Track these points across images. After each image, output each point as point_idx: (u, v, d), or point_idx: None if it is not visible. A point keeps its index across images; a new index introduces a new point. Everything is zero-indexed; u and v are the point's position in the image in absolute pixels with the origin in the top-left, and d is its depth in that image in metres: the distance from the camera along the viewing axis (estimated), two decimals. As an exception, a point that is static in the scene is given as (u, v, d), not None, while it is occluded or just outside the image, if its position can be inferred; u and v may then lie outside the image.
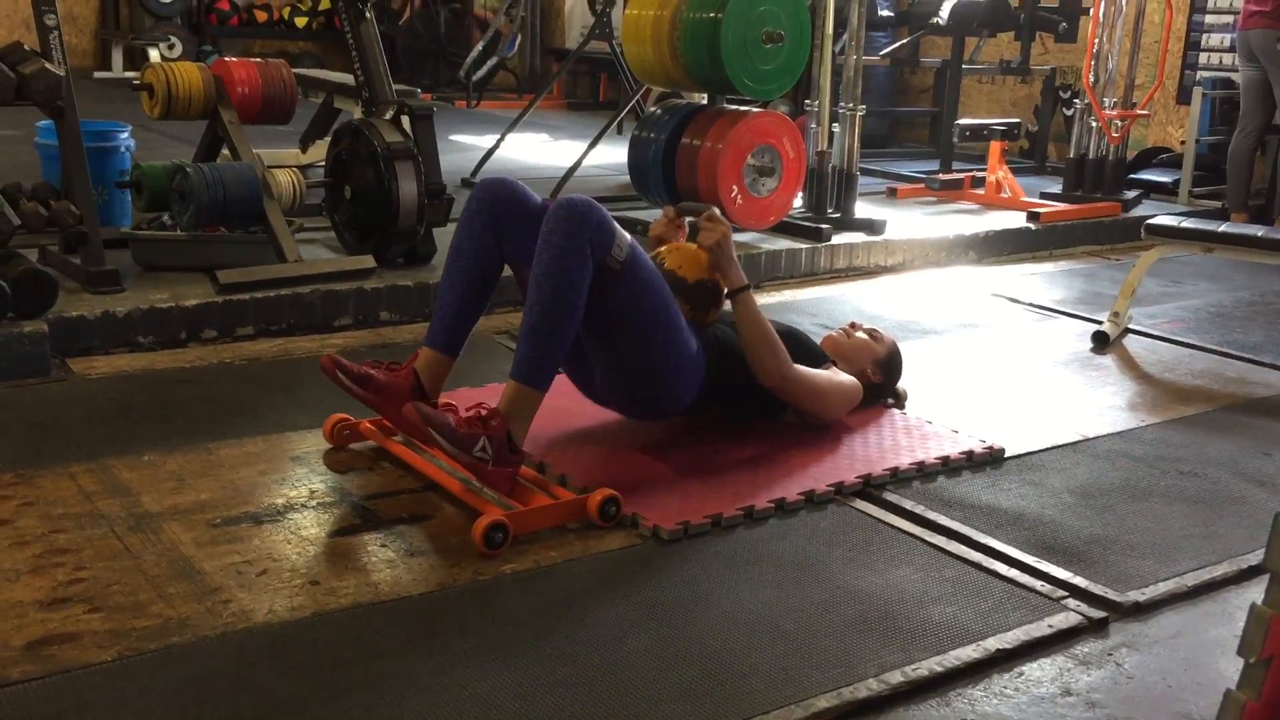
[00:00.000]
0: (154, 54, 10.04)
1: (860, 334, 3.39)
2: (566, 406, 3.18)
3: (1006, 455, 3.13)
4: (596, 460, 2.88)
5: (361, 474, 2.81)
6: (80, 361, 3.52)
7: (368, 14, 4.45)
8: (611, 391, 2.92)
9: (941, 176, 6.66)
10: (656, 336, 2.79)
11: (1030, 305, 4.85)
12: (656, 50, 5.13)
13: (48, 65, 3.64)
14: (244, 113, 4.25)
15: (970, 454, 3.08)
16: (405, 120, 4.38)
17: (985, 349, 4.18)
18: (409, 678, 1.98)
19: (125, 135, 4.62)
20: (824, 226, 5.27)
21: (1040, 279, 5.42)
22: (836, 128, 5.62)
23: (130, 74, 9.83)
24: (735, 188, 4.96)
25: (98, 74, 10.81)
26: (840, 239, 5.33)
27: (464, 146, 7.91)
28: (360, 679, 1.97)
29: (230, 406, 3.22)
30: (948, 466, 3.02)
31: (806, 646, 2.16)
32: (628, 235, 2.72)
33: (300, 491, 2.68)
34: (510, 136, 7.07)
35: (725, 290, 2.99)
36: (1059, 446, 3.23)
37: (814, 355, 3.17)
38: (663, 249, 3.06)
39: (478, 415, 2.58)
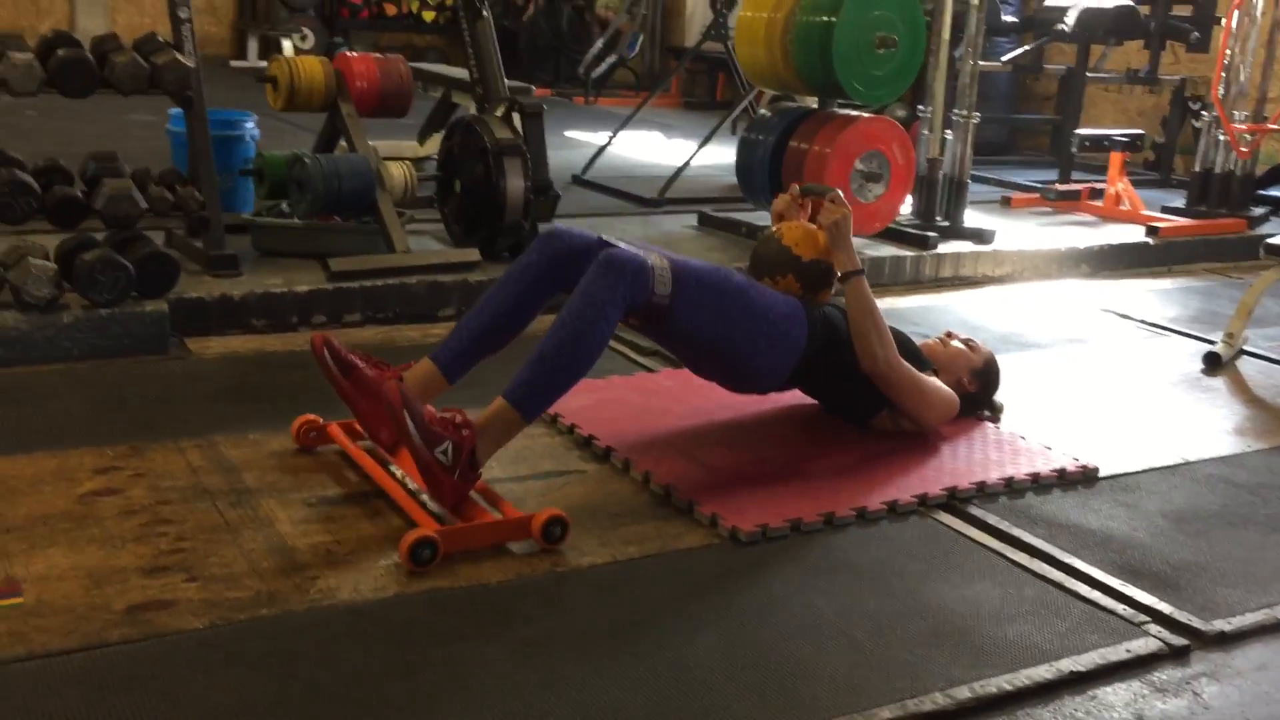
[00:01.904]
0: (287, 45, 10.38)
1: (956, 343, 3.37)
2: (660, 406, 3.23)
3: (1101, 475, 3.07)
4: (681, 459, 2.92)
5: (452, 462, 2.88)
6: (197, 341, 3.69)
7: (485, 12, 4.56)
8: (705, 373, 3.01)
9: (1058, 187, 6.53)
10: (735, 333, 2.84)
11: (1142, 322, 4.73)
12: (768, 53, 5.13)
13: (179, 56, 3.81)
14: (362, 106, 4.38)
15: (1062, 472, 3.03)
16: (516, 117, 4.47)
17: (1090, 365, 4.10)
18: (480, 662, 2.05)
19: (251, 124, 4.79)
20: (930, 234, 5.22)
21: (1155, 295, 5.28)
22: (950, 134, 5.55)
23: (263, 63, 10.19)
24: (842, 193, 4.92)
25: (233, 63, 11.19)
26: (947, 247, 5.27)
27: (578, 143, 8.00)
28: (434, 659, 2.04)
29: (333, 391, 3.33)
30: (1037, 483, 2.99)
31: (876, 656, 2.17)
32: (665, 263, 2.72)
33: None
34: (624, 134, 7.15)
35: (839, 273, 3.00)
36: (1157, 469, 3.16)
37: (917, 359, 3.16)
38: (781, 225, 3.11)
39: (453, 420, 2.51)
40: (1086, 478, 3.05)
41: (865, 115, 5.06)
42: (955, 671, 2.13)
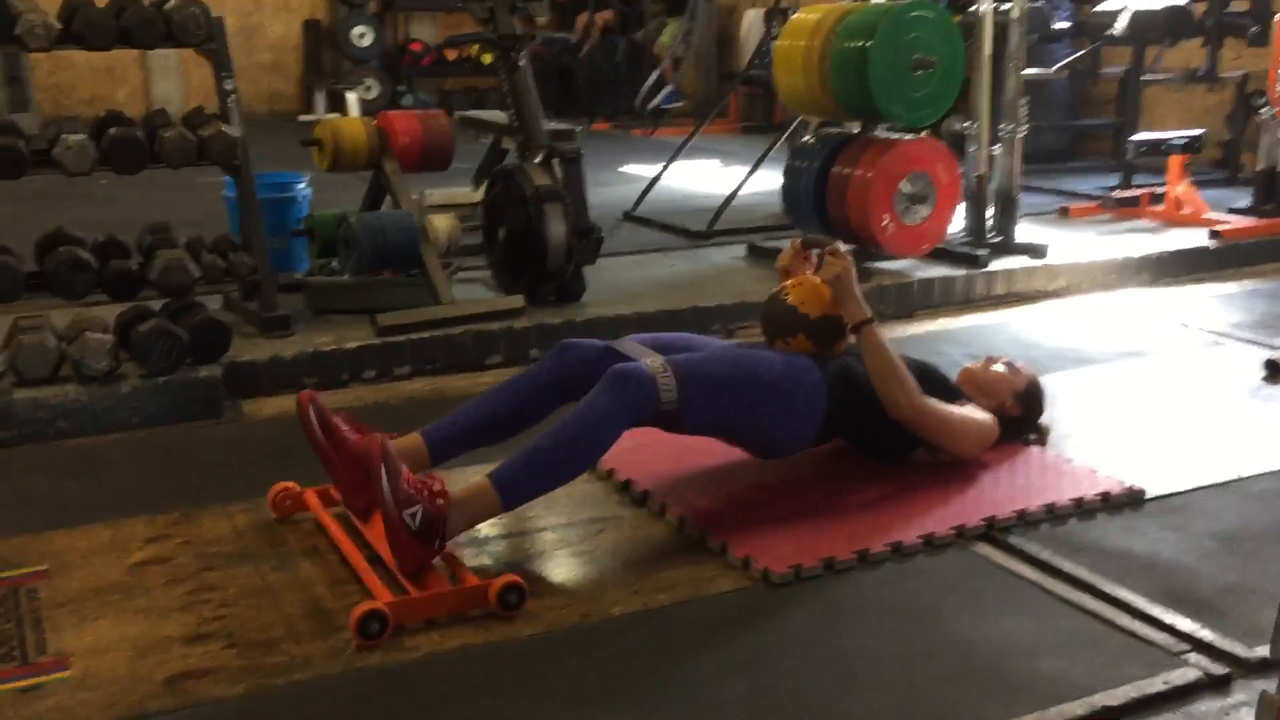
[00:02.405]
0: (351, 97, 10.61)
1: (998, 366, 3.33)
2: (694, 444, 3.22)
3: (1148, 496, 3.02)
4: (716, 500, 2.93)
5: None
6: (251, 402, 3.80)
7: (521, 62, 4.64)
8: (738, 446, 3.01)
9: (1116, 194, 6.41)
10: (751, 415, 2.87)
11: (1203, 330, 4.63)
12: (806, 81, 5.14)
13: (224, 128, 3.94)
14: (405, 161, 4.49)
15: (1107, 495, 2.98)
16: (556, 163, 4.53)
17: (1145, 378, 4.02)
18: (512, 718, 2.08)
19: (302, 185, 4.93)
20: (980, 252, 5.17)
21: (1219, 301, 5.16)
22: (998, 149, 5.49)
23: (332, 114, 10.43)
24: (887, 216, 4.92)
25: (301, 117, 11.50)
26: (999, 264, 5.21)
27: (632, 178, 8.06)
28: (462, 717, 2.08)
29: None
30: (1081, 509, 2.94)
31: (904, 697, 2.16)
32: (668, 369, 2.73)
33: (432, 531, 2.82)
34: (681, 163, 7.17)
35: (849, 324, 3.00)
36: (1209, 486, 3.09)
37: (948, 391, 3.14)
38: (787, 283, 3.10)
39: (430, 487, 2.49)
40: (1133, 500, 2.99)
41: (907, 137, 5.04)
42: (986, 710, 2.12)
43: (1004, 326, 4.74)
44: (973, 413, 3.11)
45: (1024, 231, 5.56)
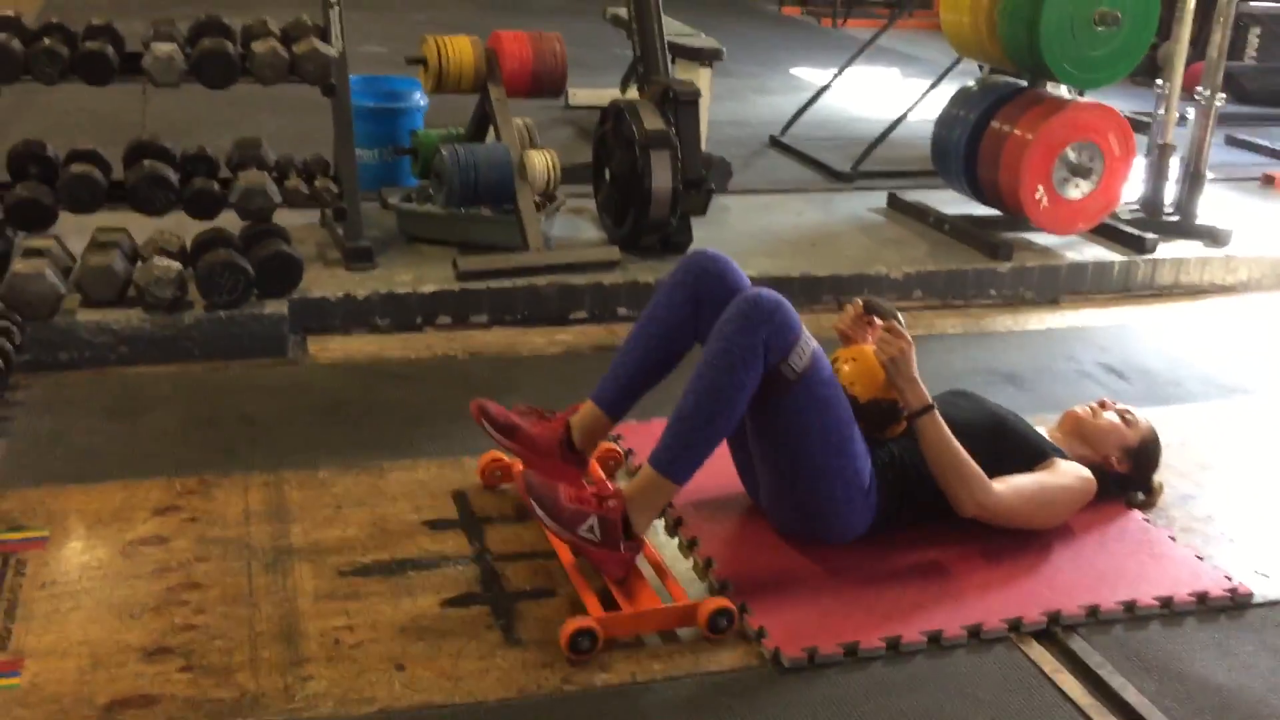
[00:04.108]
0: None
1: (1110, 414, 2.92)
2: (732, 473, 2.92)
3: (1256, 600, 2.61)
4: (747, 548, 2.66)
5: (510, 525, 2.74)
6: (318, 341, 3.68)
7: (650, -17, 4.26)
8: (772, 502, 2.66)
9: (1332, 167, 5.63)
10: (826, 462, 2.51)
11: (1394, 362, 4.02)
12: (973, 22, 4.60)
13: (318, 45, 3.74)
14: (514, 87, 4.21)
15: (1204, 596, 2.58)
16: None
17: (1300, 425, 3.51)
18: (434, 816, 1.92)
19: (418, 95, 4.72)
20: (1149, 236, 4.59)
21: None
22: (1191, 111, 4.85)
23: None
24: (1041, 187, 4.40)
25: None
26: (1169, 249, 4.64)
27: (798, 85, 7.58)
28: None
29: (429, 413, 3.26)
30: (1169, 609, 2.55)
31: None
32: (813, 343, 2.44)
33: (442, 540, 2.65)
34: (858, 68, 6.57)
35: (905, 412, 2.62)
36: (1333, 596, 2.65)
37: (1029, 451, 2.74)
38: (840, 354, 2.71)
39: (596, 493, 2.44)
40: (1236, 604, 2.59)
41: (1080, 100, 4.46)
42: None
43: (1155, 330, 4.22)
44: (1057, 478, 2.71)
45: (1212, 201, 4.93)
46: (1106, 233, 4.69)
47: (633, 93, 5.50)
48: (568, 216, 4.53)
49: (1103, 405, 2.95)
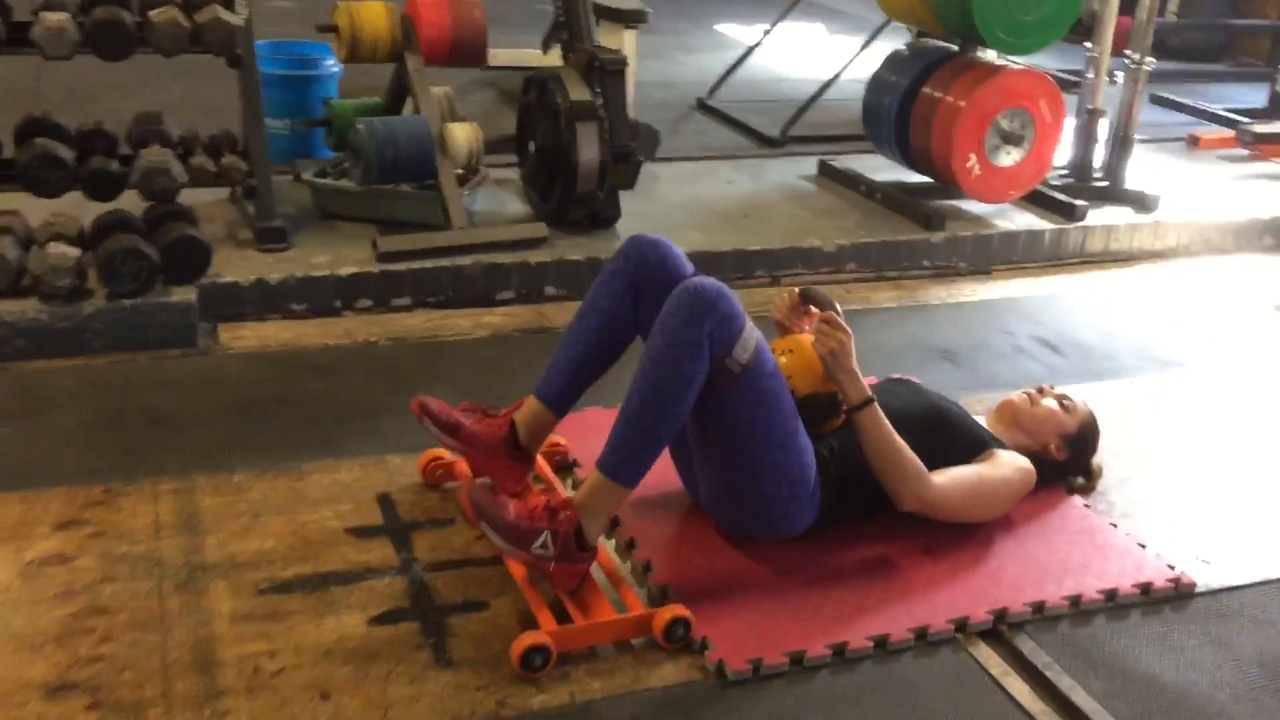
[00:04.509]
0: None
1: (1049, 400, 2.87)
2: (672, 472, 2.82)
3: (1199, 589, 2.58)
4: (687, 549, 2.56)
5: (440, 530, 2.62)
6: (230, 329, 3.50)
7: (574, -54, 4.09)
8: (714, 499, 2.57)
9: (1256, 128, 5.64)
10: (770, 457, 2.41)
11: (1319, 329, 4.04)
12: (905, -16, 4.50)
13: (222, 13, 3.52)
14: (432, 55, 4.02)
15: (1147, 587, 2.55)
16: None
17: (1237, 399, 3.49)
18: None
19: (331, 61, 4.51)
20: (1079, 203, 4.56)
21: (1349, 283, 4.52)
22: (1119, 76, 4.81)
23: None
24: (973, 155, 4.33)
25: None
26: (1099, 216, 4.61)
27: (723, 43, 7.43)
28: None
29: (350, 408, 3.11)
30: (1114, 602, 2.52)
31: None
32: (757, 334, 2.34)
33: (367, 550, 2.52)
34: (787, 23, 6.44)
35: (844, 406, 2.54)
36: (1272, 581, 2.64)
37: (968, 443, 2.67)
38: (777, 345, 2.60)
39: (546, 505, 2.33)
40: (1180, 594, 2.56)
41: (1012, 66, 4.39)
42: None
43: (1088, 301, 4.20)
44: (996, 469, 2.64)
45: (1139, 164, 4.90)
46: (1037, 199, 4.65)
47: (555, 55, 5.32)
48: (491, 189, 4.37)
49: (1040, 392, 2.89)
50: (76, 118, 3.68)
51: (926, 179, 4.69)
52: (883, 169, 4.86)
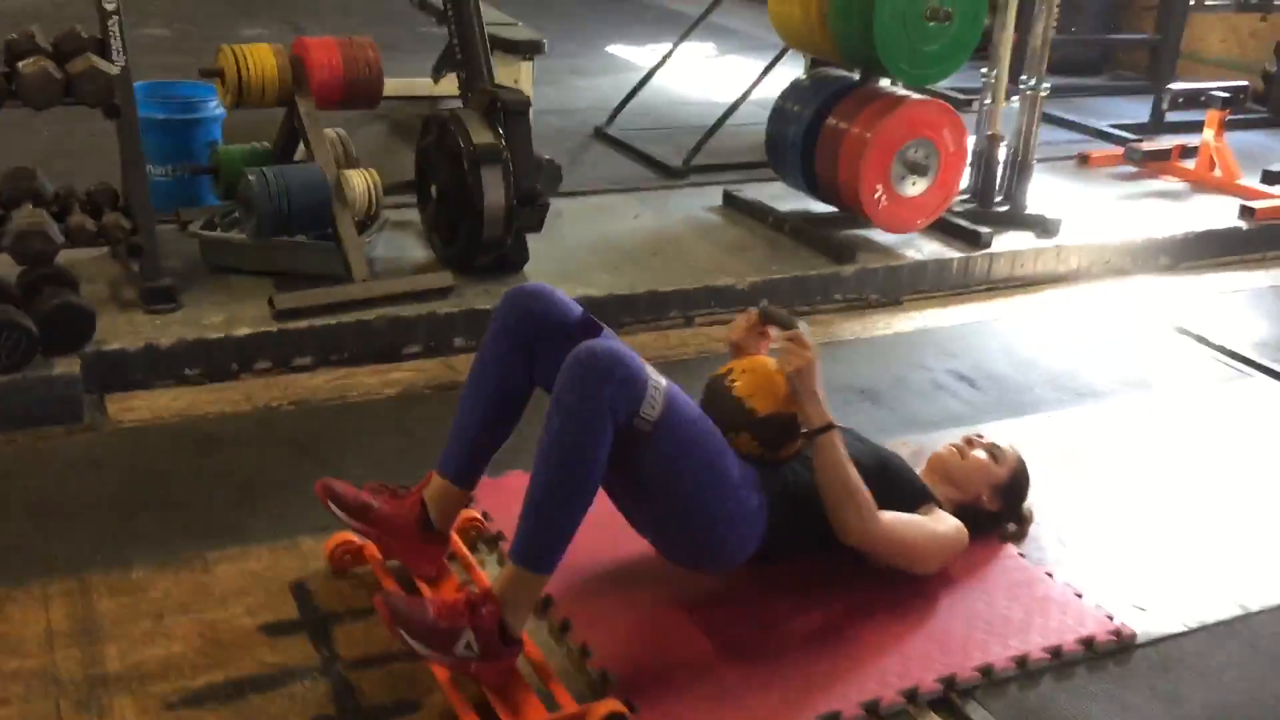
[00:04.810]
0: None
1: (978, 451, 2.83)
2: (601, 536, 2.69)
3: (1140, 640, 2.56)
4: (624, 624, 2.45)
5: (359, 621, 2.46)
6: (119, 400, 3.28)
7: (468, -19, 3.95)
8: (655, 540, 2.48)
9: (1144, 146, 5.74)
10: (703, 498, 2.32)
11: (1221, 351, 4.10)
12: (804, 15, 4.45)
13: (96, 62, 3.30)
14: (325, 98, 3.84)
15: (1090, 641, 2.52)
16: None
17: (1151, 426, 3.50)
18: None
19: (214, 103, 4.29)
20: (984, 230, 4.57)
21: (1246, 301, 4.61)
22: (1016, 101, 4.85)
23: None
24: (880, 186, 4.31)
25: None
26: (1003, 242, 4.63)
27: (617, 66, 7.34)
28: None
29: (255, 484, 2.93)
30: (1059, 660, 2.48)
31: None
32: (662, 384, 2.23)
33: (285, 649, 2.35)
34: (667, 43, 6.35)
35: (804, 429, 2.47)
36: (1209, 626, 2.63)
37: (909, 493, 2.62)
38: (734, 366, 2.55)
39: (466, 600, 2.19)
40: (1122, 647, 2.54)
41: (914, 96, 4.38)
42: None
43: (1000, 330, 4.20)
44: (936, 523, 2.60)
45: (1036, 186, 4.93)
46: (942, 227, 4.65)
47: (447, 83, 5.16)
48: (390, 233, 4.20)
49: (969, 443, 2.85)
50: (-61, 176, 3.41)
51: (832, 208, 4.65)
52: (787, 198, 4.82)
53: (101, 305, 3.47)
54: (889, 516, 2.50)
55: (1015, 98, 4.85)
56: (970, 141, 4.56)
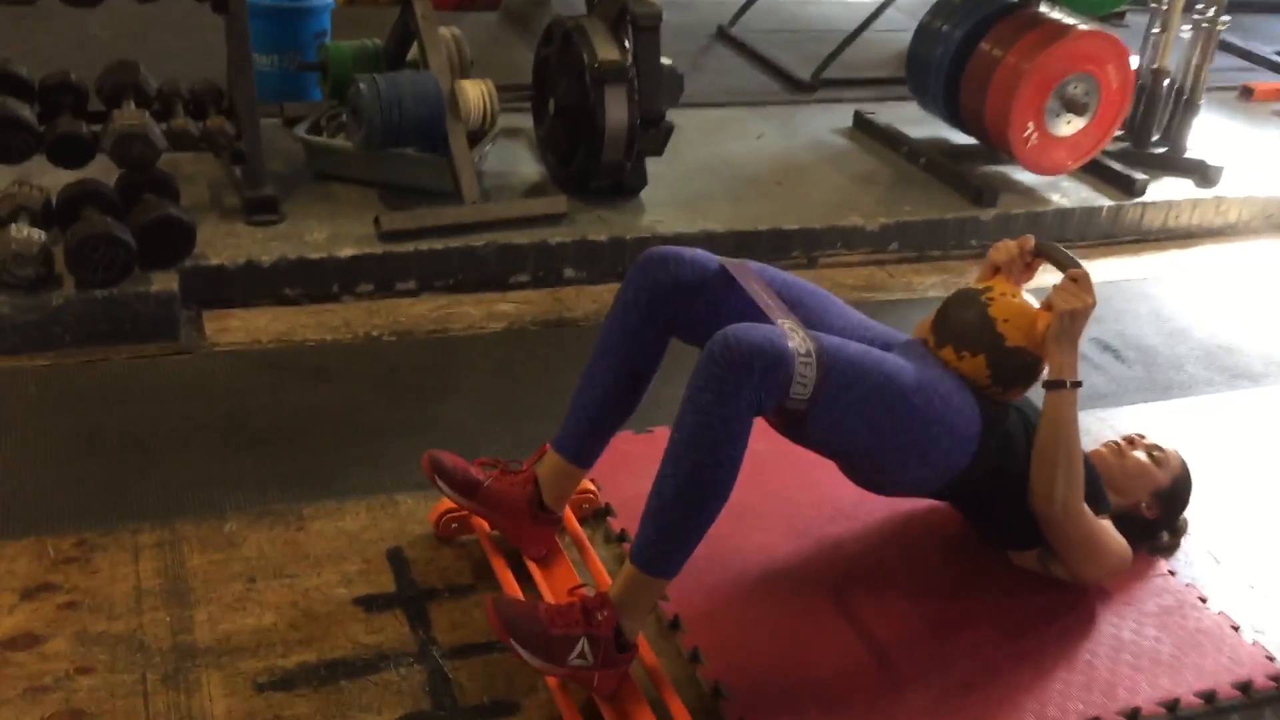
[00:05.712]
0: None
1: (1139, 452, 2.57)
2: (727, 535, 2.48)
3: (1304, 685, 2.33)
4: (739, 632, 2.28)
5: (459, 600, 2.31)
6: (216, 318, 3.14)
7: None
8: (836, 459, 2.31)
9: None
10: (885, 448, 2.15)
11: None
12: (965, -74, 4.05)
13: (207, -46, 3.08)
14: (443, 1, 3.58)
15: (1247, 686, 2.30)
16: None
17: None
18: None
19: (324, -9, 4.05)
20: (1139, 177, 4.20)
21: None
22: (1187, 30, 4.41)
23: None
24: (1031, 124, 3.96)
25: None
26: (1158, 190, 4.26)
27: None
28: None
29: (350, 429, 2.78)
30: (1212, 706, 2.26)
31: None
32: (808, 347, 1.99)
33: (380, 628, 2.21)
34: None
35: (1048, 377, 2.25)
36: (1384, 671, 2.39)
37: (1097, 498, 2.40)
38: (994, 283, 2.32)
39: (580, 605, 2.04)
40: (1280, 693, 2.32)
41: (1080, 25, 3.97)
42: None
43: (1149, 290, 3.87)
44: (1114, 540, 2.37)
45: (1196, 133, 4.53)
46: (1092, 169, 4.28)
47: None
48: (502, 142, 3.96)
49: (1130, 443, 2.59)
50: (38, 68, 3.24)
51: (973, 140, 4.31)
52: (924, 123, 4.47)
53: (201, 212, 3.32)
54: (1086, 508, 2.30)
55: (1186, 26, 4.41)
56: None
